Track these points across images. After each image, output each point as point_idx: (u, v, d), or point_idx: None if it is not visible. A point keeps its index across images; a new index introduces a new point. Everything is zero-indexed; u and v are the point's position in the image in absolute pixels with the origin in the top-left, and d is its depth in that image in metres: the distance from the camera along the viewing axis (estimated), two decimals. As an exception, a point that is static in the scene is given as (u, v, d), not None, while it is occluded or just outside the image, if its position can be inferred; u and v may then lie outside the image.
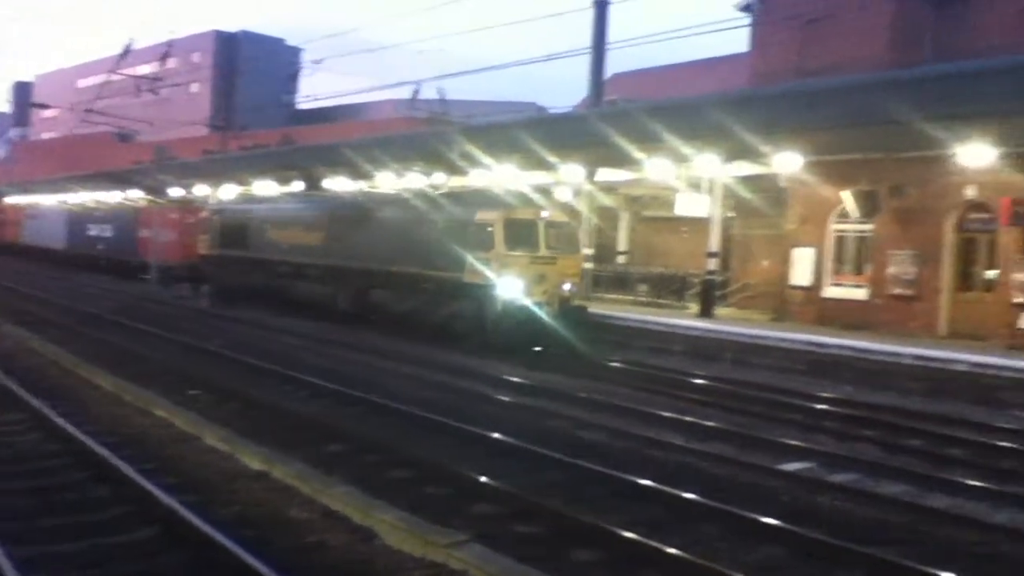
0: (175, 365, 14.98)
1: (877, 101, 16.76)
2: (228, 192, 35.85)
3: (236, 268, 28.08)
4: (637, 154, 20.96)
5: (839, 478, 9.69)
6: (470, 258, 18.47)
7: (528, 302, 18.01)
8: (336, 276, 23.29)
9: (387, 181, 28.06)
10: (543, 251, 18.59)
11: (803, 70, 26.27)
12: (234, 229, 28.44)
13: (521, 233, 18.49)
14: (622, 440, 11.08)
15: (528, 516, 7.60)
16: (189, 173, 38.93)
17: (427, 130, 31.89)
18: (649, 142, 20.23)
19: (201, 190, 37.42)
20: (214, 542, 6.33)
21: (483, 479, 8.40)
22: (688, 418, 12.29)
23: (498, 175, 24.57)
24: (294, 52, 77.59)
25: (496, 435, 10.35)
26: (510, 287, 17.96)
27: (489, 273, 18.08)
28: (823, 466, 10.18)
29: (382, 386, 13.64)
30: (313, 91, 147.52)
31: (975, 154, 17.93)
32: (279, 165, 33.85)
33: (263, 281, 26.59)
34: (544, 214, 19.16)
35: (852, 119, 17.49)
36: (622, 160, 22.12)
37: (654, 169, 21.88)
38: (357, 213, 23.27)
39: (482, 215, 18.89)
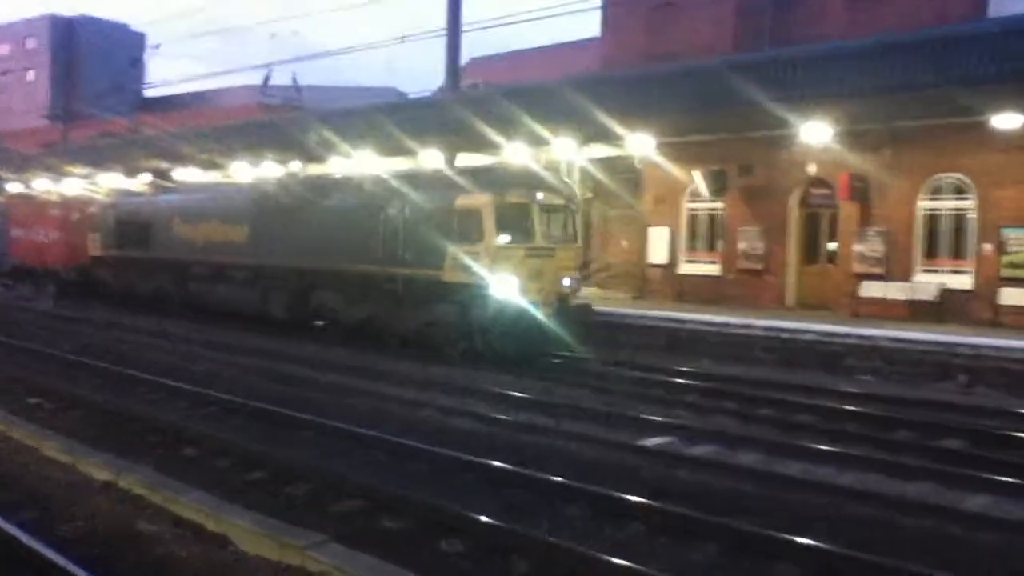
0: (17, 373, 14.00)
1: (725, 84, 17.33)
2: (115, 182, 32.76)
3: (137, 271, 24.74)
4: (495, 138, 20.96)
5: (698, 451, 9.97)
6: (451, 252, 15.63)
7: (525, 302, 15.26)
8: (266, 277, 20.27)
9: (241, 171, 27.14)
10: (539, 241, 15.77)
11: (652, 55, 26.90)
12: (133, 226, 24.91)
13: (514, 220, 15.62)
14: (489, 426, 11.06)
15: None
16: (35, 165, 36.53)
17: (282, 116, 30.98)
18: (507, 126, 20.29)
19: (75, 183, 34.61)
20: (55, 565, 5.91)
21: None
22: (553, 399, 12.40)
23: (357, 162, 24.13)
24: (138, 37, 73.93)
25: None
26: (504, 285, 15.12)
27: (478, 270, 15.23)
28: (683, 440, 10.44)
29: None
30: (163, 77, 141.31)
31: (815, 133, 18.80)
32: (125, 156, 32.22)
33: (172, 286, 23.43)
34: (539, 196, 16.06)
35: (701, 101, 18.01)
36: (481, 144, 22.09)
37: (513, 153, 21.94)
38: (293, 202, 20.03)
39: (465, 200, 15.79)
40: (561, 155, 22.37)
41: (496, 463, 8.65)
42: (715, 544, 6.84)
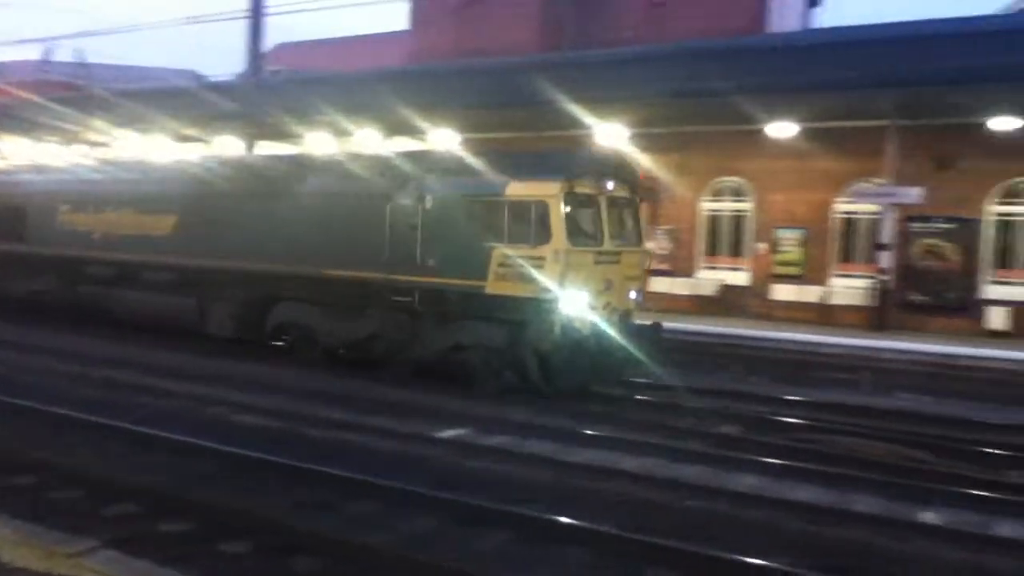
0: None
1: (524, 82, 17.75)
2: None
3: (7, 270, 19.85)
4: (296, 128, 20.50)
5: (492, 441, 10.17)
6: (499, 256, 12.16)
7: (599, 321, 12.34)
8: (202, 284, 15.84)
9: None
10: (607, 243, 12.65)
11: (459, 50, 27.14)
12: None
13: (583, 216, 12.50)
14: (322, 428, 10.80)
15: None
16: None
17: (70, 95, 28.84)
18: (309, 115, 19.87)
19: None
20: None
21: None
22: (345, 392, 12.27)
23: (151, 145, 22.88)
24: None
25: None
26: (575, 300, 12.01)
27: (541, 280, 11.87)
28: (478, 431, 10.62)
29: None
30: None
31: (610, 134, 19.59)
32: None
33: (56, 289, 18.60)
34: (609, 185, 12.81)
35: (501, 98, 18.35)
36: (281, 134, 21.53)
37: (315, 143, 21.52)
38: (249, 188, 15.49)
39: (523, 188, 12.18)
40: (364, 147, 22.11)
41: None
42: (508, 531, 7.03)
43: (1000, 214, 18.83)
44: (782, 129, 18.48)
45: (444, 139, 21.25)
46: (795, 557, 6.63)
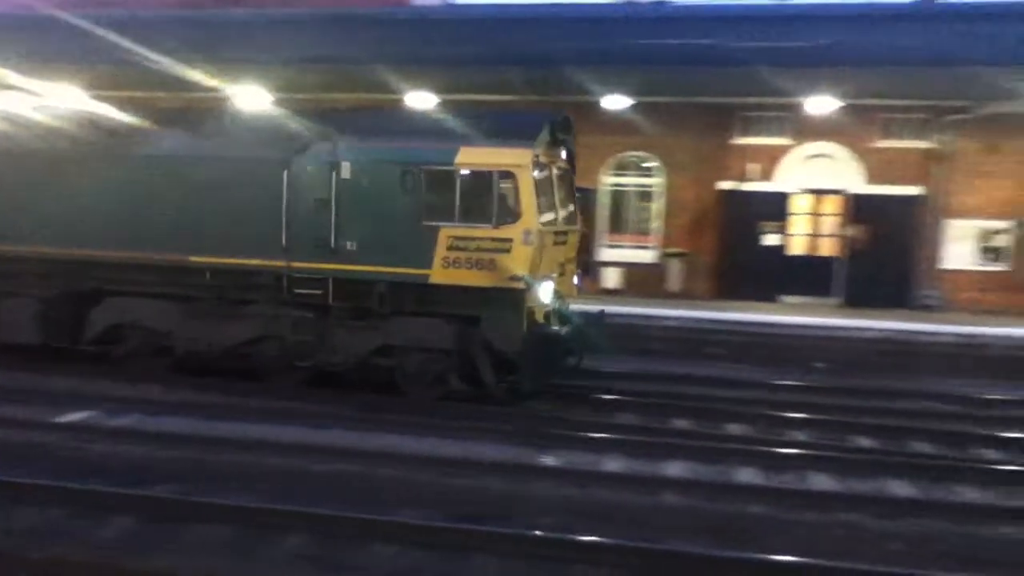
0: None
1: (160, 40, 16.69)
2: None
3: None
4: None
5: (120, 422, 9.60)
6: (448, 238, 10.15)
7: (565, 312, 11.01)
8: None
9: None
10: (560, 221, 10.97)
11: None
12: None
13: (544, 190, 10.59)
14: None
15: None
16: None
17: None
18: None
19: None
20: None
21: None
22: None
23: None
24: None
25: None
26: (544, 290, 10.38)
27: (508, 266, 10.02)
28: (106, 412, 9.96)
29: None
30: None
31: (251, 98, 18.91)
32: None
33: None
34: (563, 154, 11.30)
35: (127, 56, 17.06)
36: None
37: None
38: (52, 148, 11.82)
39: (477, 154, 10.23)
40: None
41: None
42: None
43: (612, 184, 20.93)
44: (423, 100, 18.98)
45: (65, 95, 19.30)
46: (430, 508, 7.06)
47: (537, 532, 6.50)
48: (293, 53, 16.72)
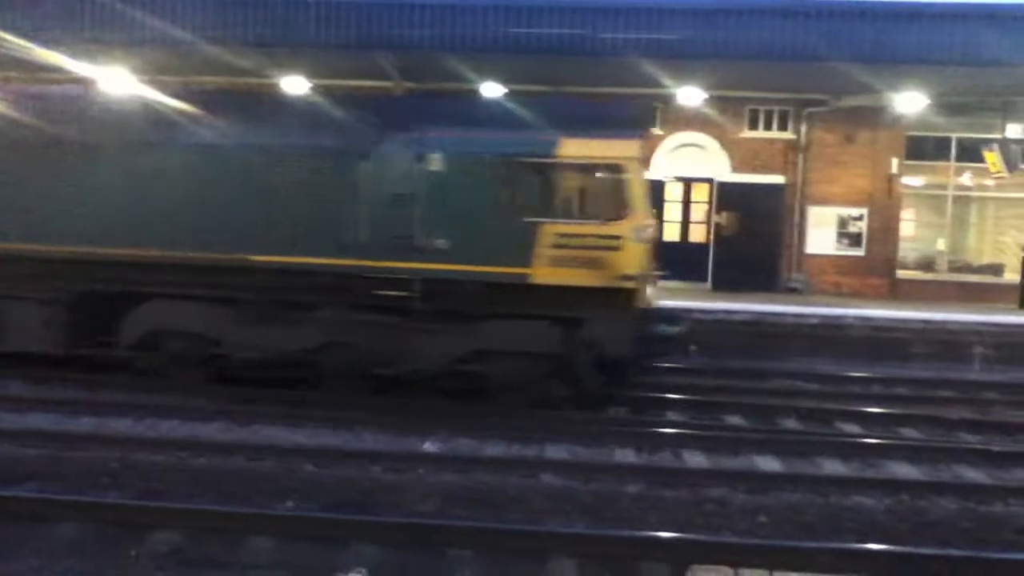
0: None
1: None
2: None
3: None
4: None
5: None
6: (549, 235, 9.44)
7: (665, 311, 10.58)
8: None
9: None
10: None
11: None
12: None
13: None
14: None
15: None
16: None
17: None
18: None
19: None
20: None
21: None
22: None
23: None
24: None
25: None
26: (648, 288, 10.00)
27: (619, 265, 9.39)
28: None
29: None
30: None
31: (115, 81, 18.07)
32: None
33: None
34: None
35: None
36: None
37: None
38: (103, 134, 10.37)
39: (581, 146, 9.57)
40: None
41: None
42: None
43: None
44: (295, 84, 18.53)
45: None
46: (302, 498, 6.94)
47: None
48: (158, 34, 16.03)
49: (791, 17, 15.62)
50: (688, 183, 20.08)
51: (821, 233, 19.85)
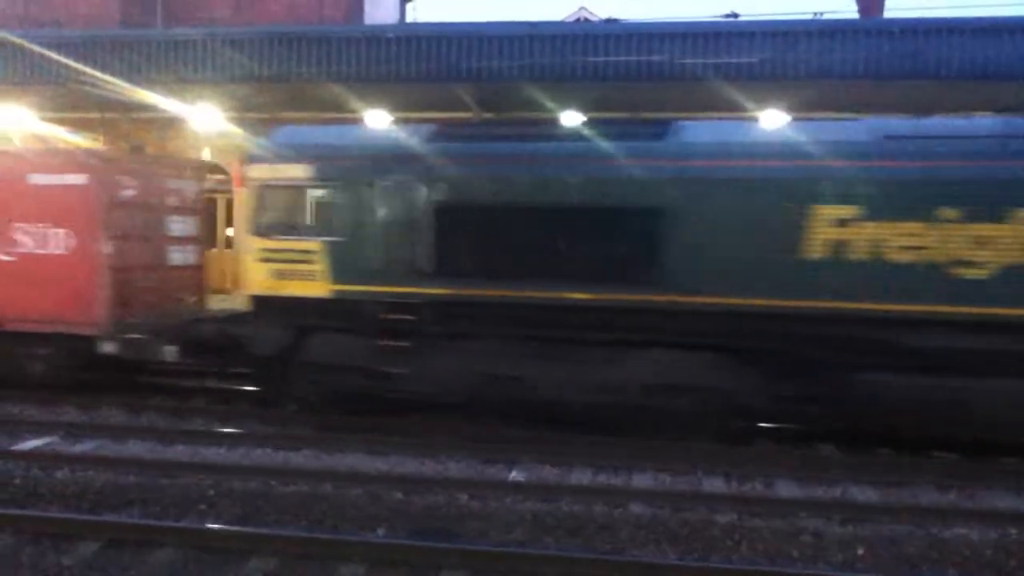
0: None
1: (99, 58, 16.54)
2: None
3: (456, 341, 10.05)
4: None
5: (81, 448, 9.46)
6: None
7: None
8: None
9: None
10: None
11: (29, 20, 24.39)
12: (446, 220, 9.86)
13: None
14: None
15: None
16: None
17: None
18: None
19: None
20: None
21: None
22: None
23: None
24: None
25: None
26: None
27: None
28: (66, 438, 9.82)
29: None
30: None
31: (205, 118, 18.75)
32: None
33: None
34: None
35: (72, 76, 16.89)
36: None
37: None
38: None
39: None
40: None
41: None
42: None
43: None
44: (378, 118, 18.90)
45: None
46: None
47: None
48: (245, 72, 16.63)
49: (875, 36, 15.36)
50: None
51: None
